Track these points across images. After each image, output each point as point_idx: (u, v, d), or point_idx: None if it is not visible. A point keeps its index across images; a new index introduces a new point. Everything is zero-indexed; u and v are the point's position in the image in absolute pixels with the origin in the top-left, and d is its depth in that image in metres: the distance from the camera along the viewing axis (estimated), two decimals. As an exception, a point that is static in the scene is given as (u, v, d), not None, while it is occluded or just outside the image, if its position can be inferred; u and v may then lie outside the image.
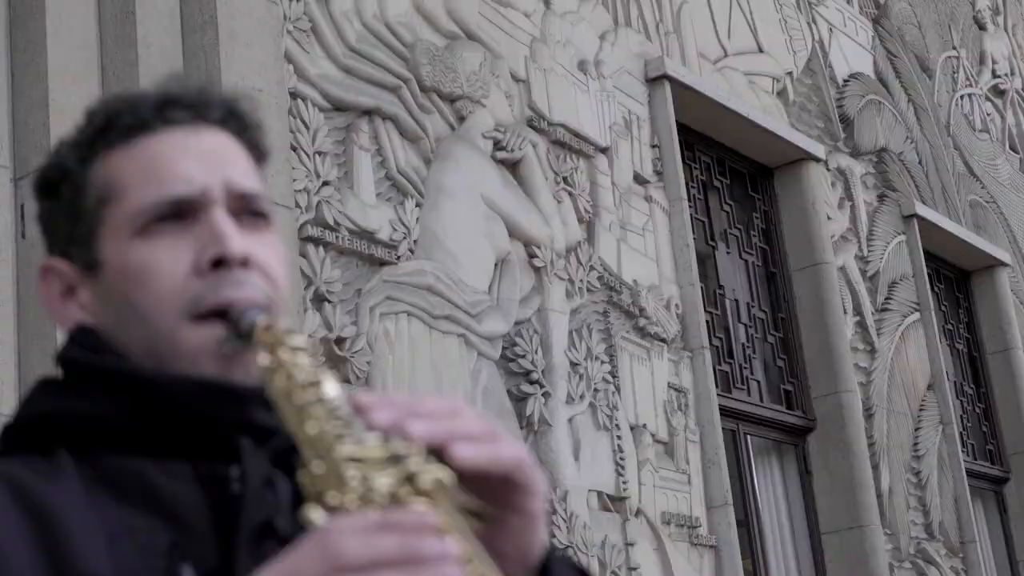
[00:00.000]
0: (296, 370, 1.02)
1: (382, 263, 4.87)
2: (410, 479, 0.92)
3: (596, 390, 5.71)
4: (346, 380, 4.55)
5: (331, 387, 1.00)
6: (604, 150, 6.28)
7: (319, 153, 4.72)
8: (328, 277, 4.61)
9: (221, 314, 1.14)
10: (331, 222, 4.67)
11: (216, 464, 1.12)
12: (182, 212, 1.18)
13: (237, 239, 1.17)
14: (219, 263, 1.16)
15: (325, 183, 4.71)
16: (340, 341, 4.58)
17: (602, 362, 5.81)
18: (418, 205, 5.10)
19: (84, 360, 1.19)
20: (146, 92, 1.24)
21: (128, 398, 1.14)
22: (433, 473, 0.93)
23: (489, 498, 1.02)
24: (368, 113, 5.01)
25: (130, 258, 1.18)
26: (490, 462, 1.01)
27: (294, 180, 4.53)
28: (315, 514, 0.90)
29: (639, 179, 6.48)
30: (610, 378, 5.83)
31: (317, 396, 0.99)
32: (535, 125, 5.86)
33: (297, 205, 4.53)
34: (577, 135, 6.10)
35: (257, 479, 1.10)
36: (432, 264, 5.07)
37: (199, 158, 1.20)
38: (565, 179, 5.95)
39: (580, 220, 5.98)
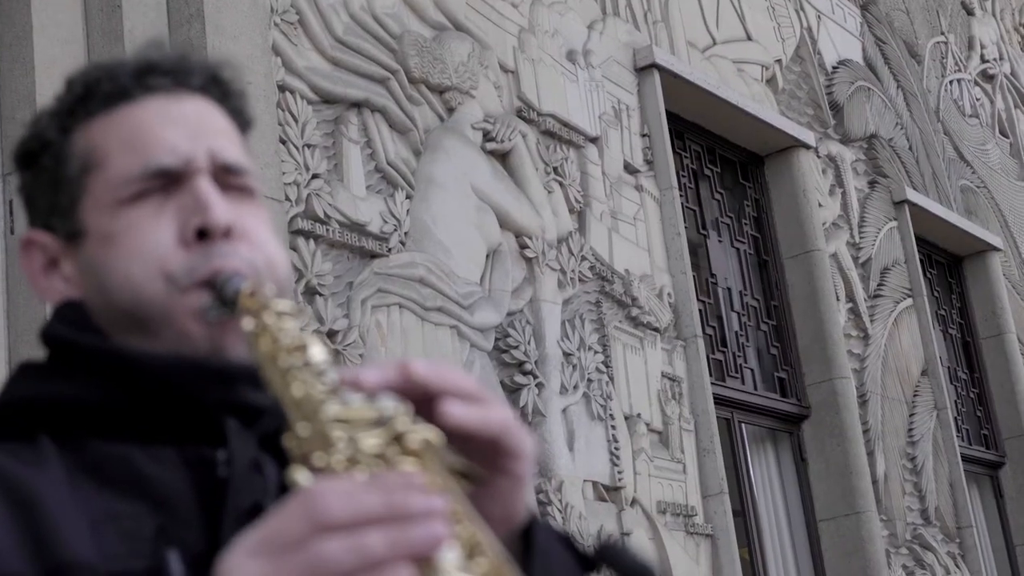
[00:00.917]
0: (281, 334, 1.01)
1: (373, 255, 4.85)
2: (398, 439, 0.91)
3: (590, 380, 5.70)
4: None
5: (317, 350, 0.98)
6: (594, 140, 6.26)
7: (308, 146, 4.70)
8: (319, 270, 4.59)
9: (208, 284, 1.13)
10: (321, 215, 4.65)
11: (203, 447, 1.10)
12: (166, 180, 1.17)
13: (220, 208, 1.15)
14: (203, 234, 1.14)
15: (315, 176, 4.69)
16: (332, 334, 4.57)
17: (595, 352, 5.80)
18: (408, 197, 5.09)
19: (67, 338, 1.17)
20: (125, 59, 1.23)
21: (111, 380, 1.12)
22: (421, 433, 0.92)
23: (476, 460, 1.01)
24: (357, 105, 5.00)
25: (114, 227, 1.16)
26: (480, 423, 1.00)
27: (283, 173, 4.51)
28: (301, 475, 0.89)
29: (629, 168, 6.47)
30: (603, 368, 5.82)
31: (303, 359, 0.98)
32: (524, 115, 5.85)
33: (287, 198, 4.51)
34: (567, 125, 6.09)
35: (244, 462, 1.08)
36: (423, 256, 5.05)
37: (183, 126, 1.19)
38: (555, 169, 5.93)
39: (571, 210, 5.97)
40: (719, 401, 6.66)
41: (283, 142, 4.57)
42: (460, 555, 0.86)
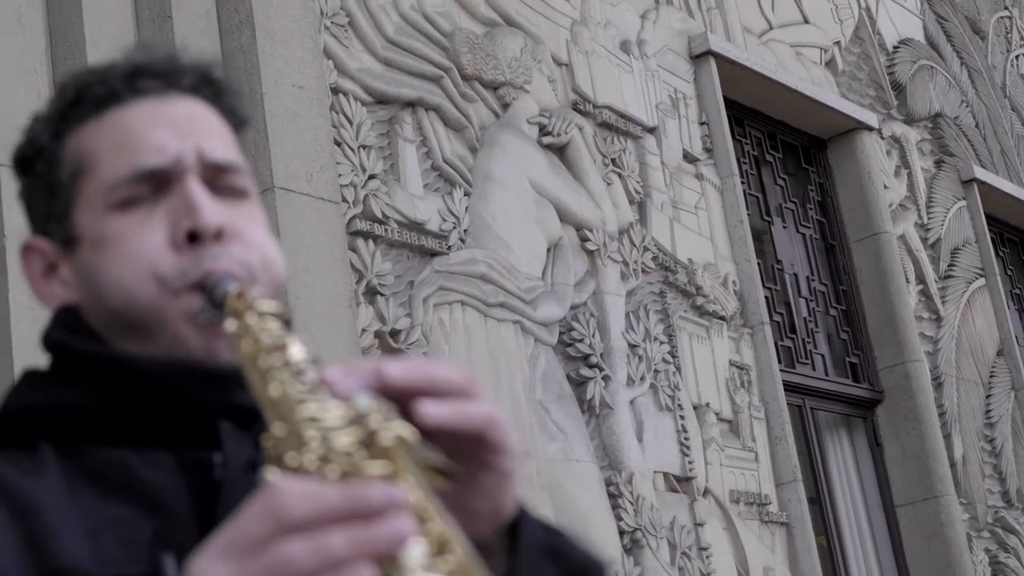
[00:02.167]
0: (262, 334, 1.01)
1: (433, 254, 4.85)
2: (370, 437, 0.90)
3: (656, 371, 5.67)
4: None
5: (297, 350, 0.98)
6: (652, 130, 6.23)
7: (364, 147, 4.71)
8: (379, 270, 4.60)
9: (199, 286, 1.13)
10: (379, 215, 4.66)
11: (199, 451, 1.11)
12: (157, 182, 1.17)
13: (210, 210, 1.15)
14: (194, 236, 1.14)
15: (371, 176, 4.70)
16: (395, 333, 4.57)
17: (661, 343, 5.77)
18: (466, 194, 5.08)
19: (64, 343, 1.18)
20: (116, 63, 1.23)
21: (107, 385, 1.13)
22: (394, 430, 0.90)
23: (460, 455, 1.00)
24: (411, 105, 5.00)
25: (105, 231, 1.17)
26: (458, 421, 0.98)
27: (339, 175, 4.52)
28: (272, 475, 0.87)
29: (689, 157, 6.43)
30: (670, 358, 5.79)
31: (282, 360, 0.97)
32: (580, 108, 5.83)
33: (344, 200, 4.52)
34: (623, 116, 6.06)
35: (238, 464, 1.08)
36: (484, 252, 5.05)
37: (171, 126, 1.19)
38: (614, 161, 5.91)
39: (631, 201, 5.94)
40: (790, 388, 6.60)
41: (338, 144, 4.58)
42: (426, 552, 0.84)
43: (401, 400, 0.97)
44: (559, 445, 5.05)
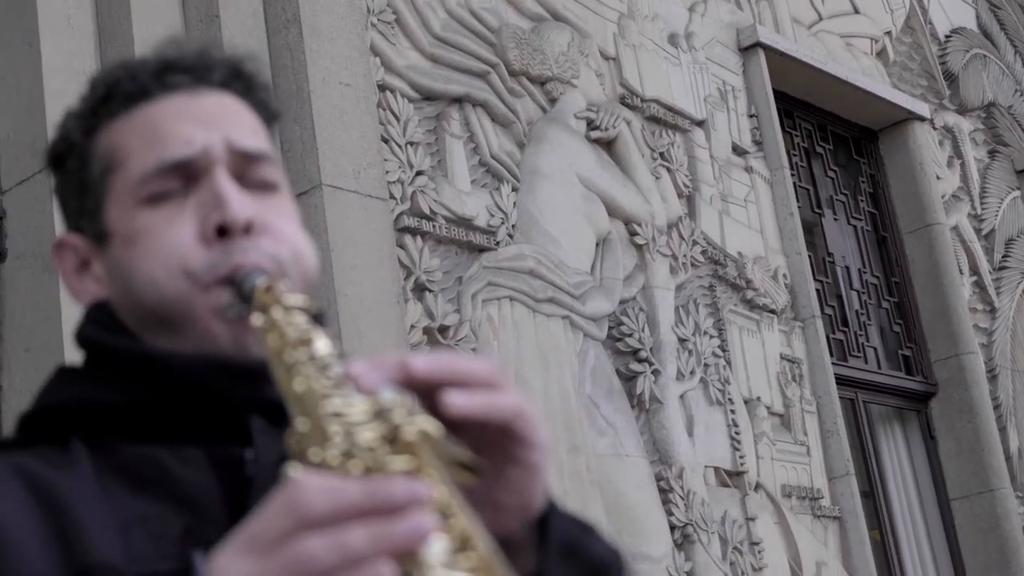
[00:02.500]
0: (288, 328, 1.00)
1: (481, 249, 4.85)
2: (394, 432, 0.89)
3: (706, 365, 5.65)
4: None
5: (322, 345, 0.98)
6: (700, 123, 6.20)
7: (411, 143, 4.72)
8: (427, 266, 4.60)
9: (228, 281, 1.13)
10: (427, 211, 4.67)
11: (231, 447, 1.10)
12: (185, 176, 1.17)
13: (239, 203, 1.15)
14: (223, 230, 1.14)
15: (419, 173, 4.71)
16: (443, 329, 4.58)
17: (711, 336, 5.75)
18: (514, 189, 5.08)
19: (95, 339, 1.18)
20: (146, 58, 1.23)
21: (138, 381, 1.13)
22: (418, 425, 0.89)
23: (487, 449, 0.99)
24: (458, 101, 5.01)
25: (135, 227, 1.17)
26: (484, 412, 0.97)
27: (387, 172, 4.53)
28: (294, 471, 0.87)
29: (738, 150, 6.40)
30: (720, 352, 5.76)
31: (308, 354, 0.97)
32: (628, 102, 5.81)
33: (392, 196, 4.53)
34: (671, 110, 6.04)
35: (269, 460, 1.07)
36: (532, 247, 5.04)
37: (199, 120, 1.18)
38: (662, 155, 5.89)
39: (680, 195, 5.91)
40: (842, 381, 6.55)
41: (385, 141, 4.59)
42: (447, 549, 0.83)
43: (428, 393, 0.96)
44: (609, 440, 5.04)
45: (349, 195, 4.26)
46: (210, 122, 1.18)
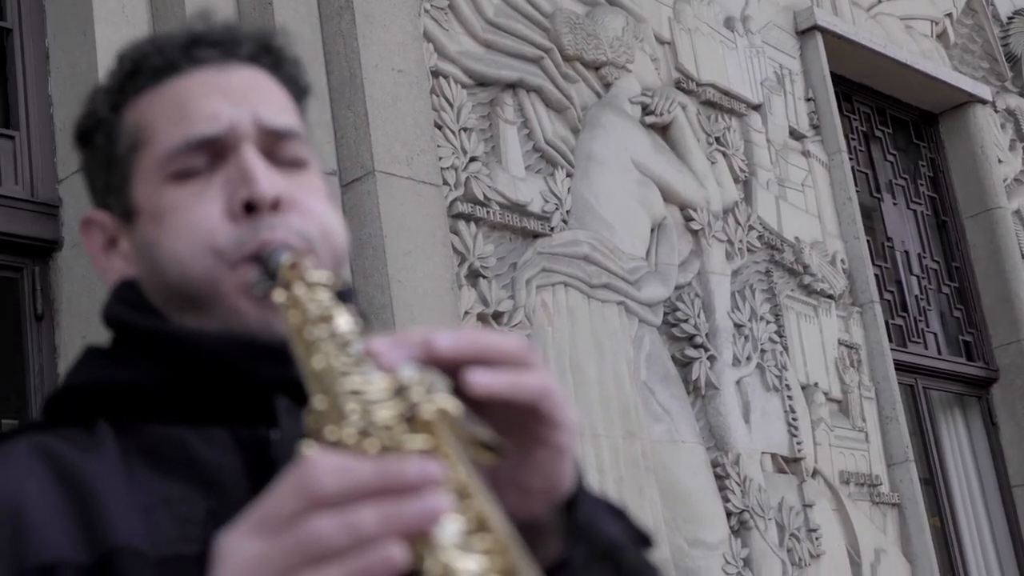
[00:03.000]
0: (310, 305, 0.99)
1: (535, 235, 4.84)
2: (412, 411, 0.87)
3: (763, 351, 5.61)
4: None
5: (344, 321, 0.96)
6: (757, 107, 6.15)
7: (464, 129, 4.71)
8: (481, 253, 4.60)
9: (255, 258, 1.12)
10: (481, 197, 4.66)
11: (257, 428, 1.09)
12: (212, 152, 1.16)
13: (266, 179, 1.13)
14: (251, 206, 1.13)
15: (472, 159, 4.70)
16: (497, 316, 4.58)
17: (767, 322, 5.71)
18: (568, 175, 5.06)
19: (121, 318, 1.18)
20: (174, 33, 1.22)
21: (164, 360, 1.12)
22: (437, 403, 0.87)
23: (514, 429, 0.96)
24: (512, 86, 4.99)
25: (162, 203, 1.15)
26: (509, 391, 0.94)
27: (440, 158, 4.53)
28: (309, 451, 0.85)
29: (795, 134, 6.34)
30: (777, 338, 5.72)
31: (329, 331, 0.95)
32: (683, 87, 5.77)
33: (445, 183, 4.53)
34: (727, 94, 5.99)
35: (294, 440, 1.04)
36: (587, 233, 5.02)
37: (227, 95, 1.17)
38: (718, 139, 5.85)
39: (736, 180, 5.87)
40: (901, 367, 6.49)
41: (438, 127, 4.59)
42: (461, 531, 0.81)
43: (453, 371, 0.94)
44: (664, 426, 5.02)
45: (402, 181, 4.26)
46: (238, 98, 1.17)
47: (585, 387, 4.75)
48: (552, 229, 4.89)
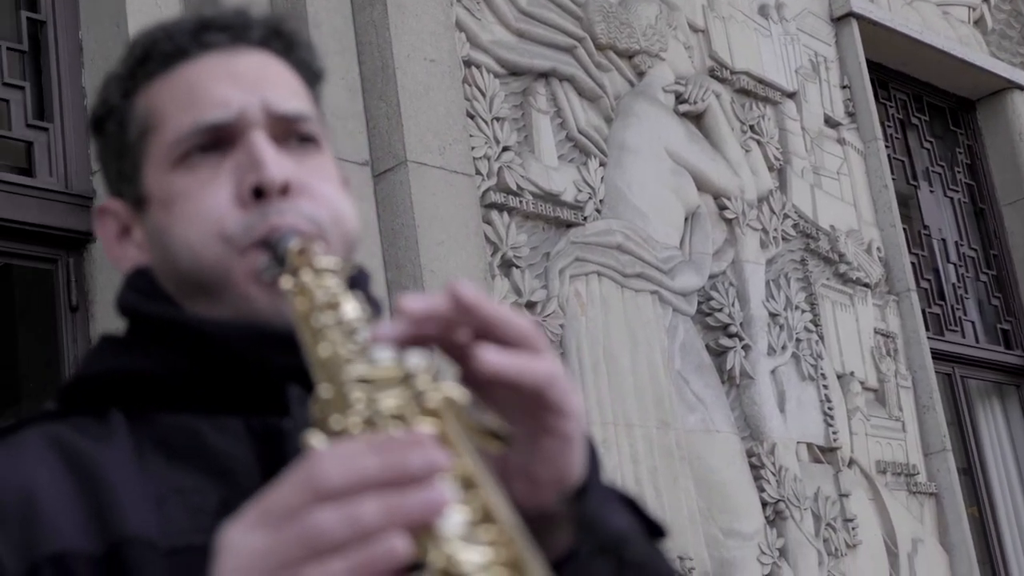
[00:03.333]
0: (318, 291, 0.98)
1: (569, 225, 4.83)
2: (418, 399, 0.85)
3: (798, 340, 5.58)
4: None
5: (351, 308, 0.94)
6: (791, 95, 6.11)
7: (497, 119, 4.70)
8: (514, 242, 4.59)
9: (265, 243, 1.11)
10: (514, 187, 4.65)
11: (269, 417, 1.08)
12: (222, 138, 1.15)
13: (275, 164, 1.12)
14: (260, 192, 1.12)
15: (505, 149, 4.69)
16: (531, 305, 4.57)
17: (803, 311, 5.67)
18: (602, 164, 5.04)
19: (134, 307, 1.17)
20: (184, 18, 1.21)
21: (176, 349, 1.11)
22: (443, 392, 0.86)
23: (521, 417, 0.95)
24: (544, 75, 4.98)
25: (171, 190, 1.15)
26: (517, 374, 0.93)
27: (473, 148, 4.52)
28: (314, 440, 0.84)
29: (830, 122, 6.30)
30: (812, 327, 5.69)
31: (335, 318, 0.94)
32: (717, 75, 5.74)
33: (478, 172, 4.52)
34: (762, 82, 5.96)
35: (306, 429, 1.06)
36: (620, 222, 5.01)
37: (236, 80, 1.16)
38: (752, 127, 5.81)
39: (770, 168, 5.84)
40: (938, 356, 6.44)
41: (471, 117, 4.58)
42: (465, 522, 0.80)
43: (462, 353, 0.93)
44: (699, 416, 5.00)
45: (435, 171, 4.26)
46: (248, 83, 1.16)
47: (619, 377, 4.73)
48: (585, 218, 4.88)
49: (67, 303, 3.86)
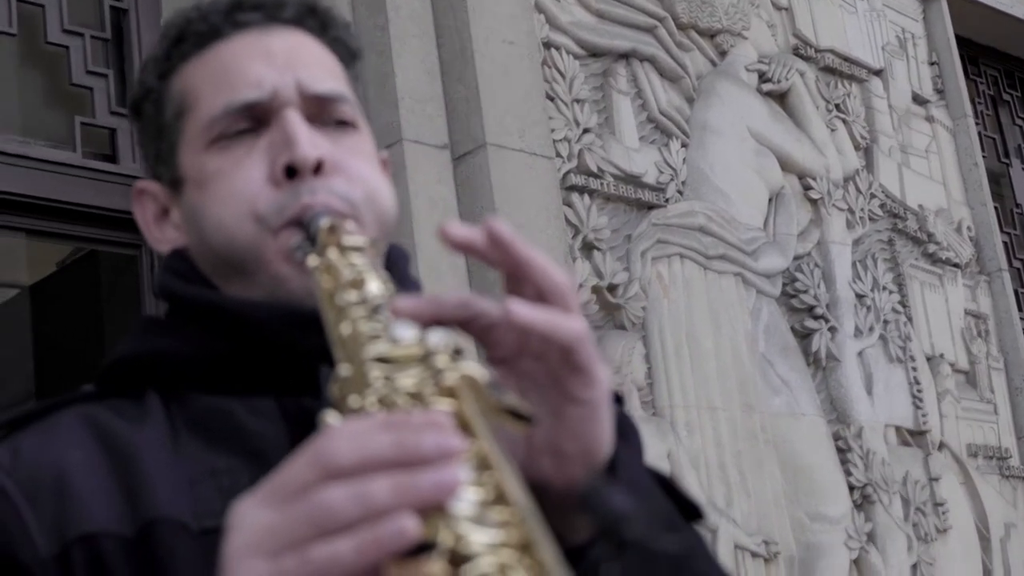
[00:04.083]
0: (344, 270, 0.97)
1: (650, 206, 4.78)
2: (436, 377, 0.84)
3: (886, 321, 5.49)
4: (621, 327, 4.51)
5: (375, 287, 0.94)
6: (878, 72, 6.01)
7: (577, 101, 4.67)
8: (596, 225, 4.56)
9: (297, 222, 1.10)
10: (595, 169, 4.62)
11: (303, 398, 1.08)
12: (256, 117, 1.15)
13: (308, 143, 1.12)
14: (293, 170, 1.12)
15: (585, 131, 4.66)
16: (612, 288, 4.53)
17: (890, 292, 5.58)
18: (683, 145, 5.00)
19: (170, 289, 1.17)
20: None
21: (212, 331, 1.11)
22: (461, 370, 0.84)
23: (546, 388, 0.93)
24: (625, 56, 4.93)
25: (206, 170, 1.15)
26: (547, 328, 0.91)
27: (552, 130, 4.49)
28: (330, 418, 0.83)
29: (918, 99, 6.19)
30: (900, 308, 5.59)
31: (360, 296, 0.93)
32: (801, 53, 5.66)
33: (558, 155, 4.50)
34: (847, 59, 5.86)
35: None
36: (702, 204, 4.96)
37: (270, 60, 1.16)
38: (837, 106, 5.73)
39: (857, 147, 5.75)
40: (1031, 337, 6.31)
41: (551, 99, 4.55)
42: (477, 503, 0.78)
43: (486, 334, 0.92)
44: (784, 399, 4.95)
45: (515, 154, 4.24)
46: (281, 62, 1.16)
47: (702, 360, 4.69)
48: (667, 200, 4.83)
49: (151, 288, 3.90)
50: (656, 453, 4.32)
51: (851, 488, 5.03)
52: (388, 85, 4.03)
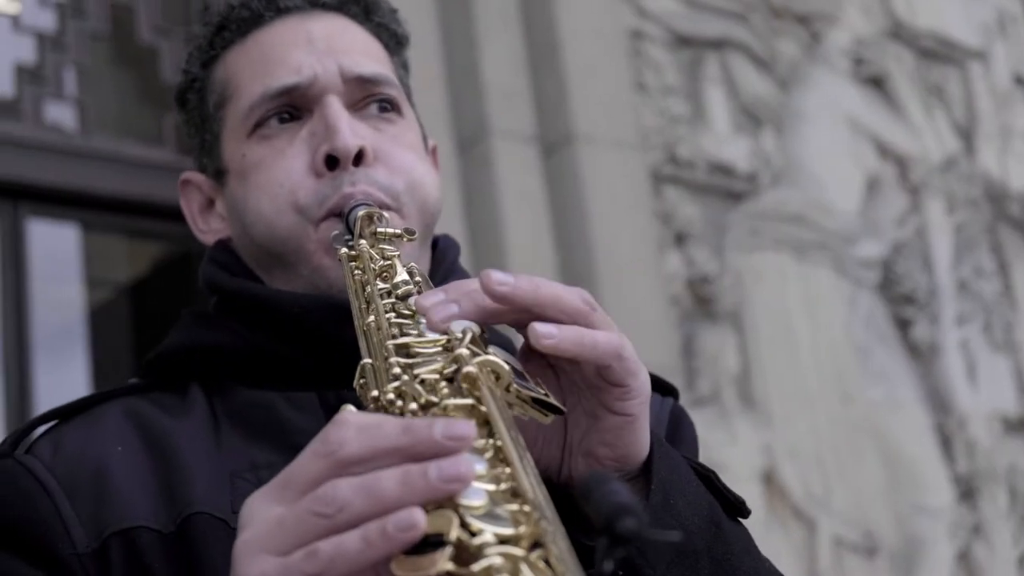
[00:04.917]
0: (373, 260, 0.95)
1: (742, 196, 4.73)
2: (457, 370, 0.82)
3: (989, 309, 5.37)
4: (714, 319, 4.46)
5: (404, 277, 0.92)
6: (977, 54, 5.88)
7: (667, 90, 4.62)
8: (687, 215, 4.51)
9: (338, 213, 1.09)
10: (686, 159, 4.57)
11: (343, 390, 1.06)
12: (297, 105, 1.13)
13: (350, 132, 1.10)
14: (334, 161, 1.10)
15: (675, 120, 4.61)
16: (704, 280, 4.49)
17: (993, 278, 5.46)
18: (776, 133, 4.92)
19: (213, 281, 1.16)
20: None
21: (255, 324, 1.10)
22: (482, 363, 0.82)
23: (584, 394, 0.90)
24: (715, 44, 4.88)
25: (247, 160, 1.14)
26: (577, 347, 0.88)
27: (643, 120, 4.45)
28: (344, 412, 0.81)
29: (1019, 81, 6.04)
30: (1004, 294, 5.47)
31: (387, 287, 0.91)
32: (898, 36, 5.55)
33: (648, 145, 4.46)
34: (945, 42, 5.74)
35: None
36: (796, 192, 4.88)
37: (310, 45, 1.15)
38: (935, 89, 5.61)
39: (956, 131, 5.63)
40: None
41: (640, 89, 4.51)
42: (489, 497, 0.75)
43: (517, 323, 0.89)
44: (883, 389, 4.86)
45: (604, 145, 4.21)
46: (322, 47, 1.15)
47: (797, 351, 4.62)
48: (759, 189, 4.77)
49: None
50: (752, 445, 4.27)
51: (954, 479, 4.93)
52: (476, 78, 4.02)
